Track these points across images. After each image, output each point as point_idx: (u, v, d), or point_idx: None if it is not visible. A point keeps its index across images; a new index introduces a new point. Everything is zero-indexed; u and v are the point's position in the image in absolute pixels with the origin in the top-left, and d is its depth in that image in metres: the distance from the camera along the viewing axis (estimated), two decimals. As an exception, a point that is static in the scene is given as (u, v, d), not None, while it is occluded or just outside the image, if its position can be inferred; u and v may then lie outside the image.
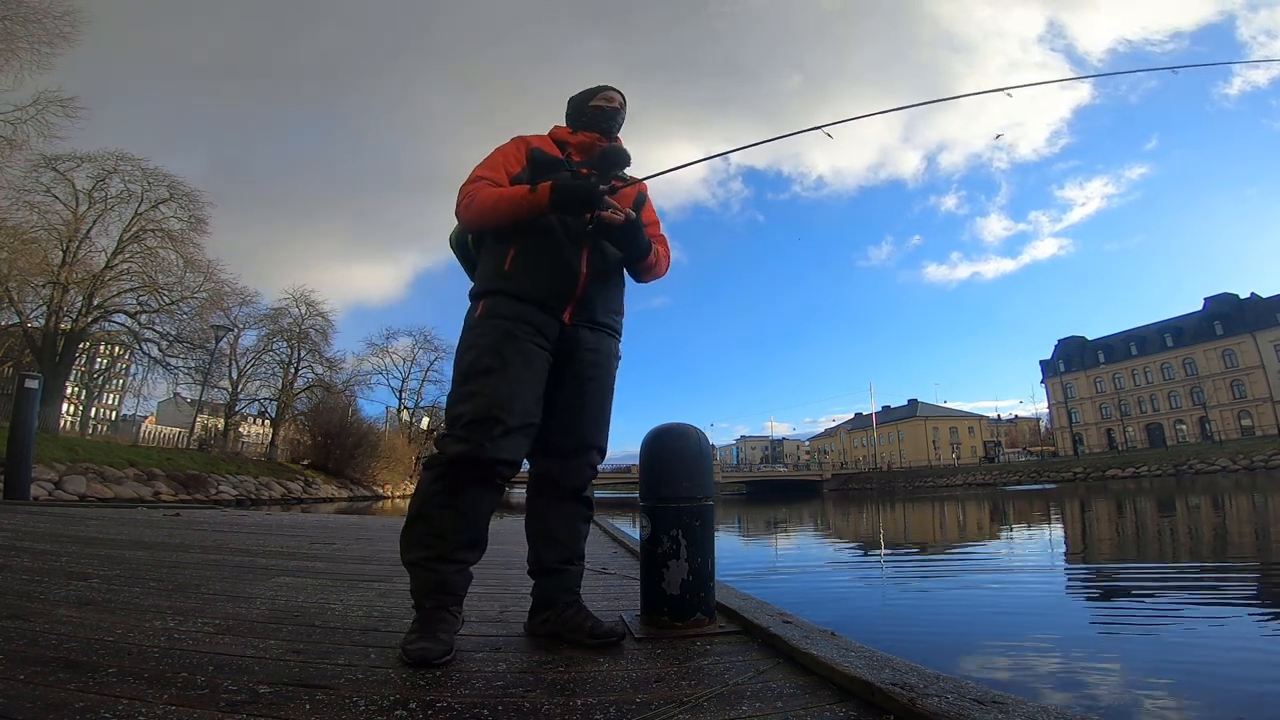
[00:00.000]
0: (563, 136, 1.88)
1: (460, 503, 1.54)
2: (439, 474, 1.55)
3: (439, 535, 1.53)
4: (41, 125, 20.05)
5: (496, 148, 1.82)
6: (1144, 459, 42.97)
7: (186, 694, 1.11)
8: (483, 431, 1.50)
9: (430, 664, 1.34)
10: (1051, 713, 1.00)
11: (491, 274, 1.70)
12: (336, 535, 4.83)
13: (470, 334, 1.65)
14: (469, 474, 1.53)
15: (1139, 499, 18.32)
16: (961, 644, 3.34)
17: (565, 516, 1.73)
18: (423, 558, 1.53)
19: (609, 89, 1.91)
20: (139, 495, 15.79)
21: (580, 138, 1.86)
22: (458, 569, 1.56)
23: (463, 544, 1.56)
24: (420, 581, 1.53)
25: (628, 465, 59.95)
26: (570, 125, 1.91)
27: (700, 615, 1.74)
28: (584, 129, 1.87)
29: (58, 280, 21.69)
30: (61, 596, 1.93)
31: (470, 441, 1.50)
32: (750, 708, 1.15)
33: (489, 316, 1.64)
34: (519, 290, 1.65)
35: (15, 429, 6.87)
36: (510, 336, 1.60)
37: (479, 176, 1.72)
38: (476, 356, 1.59)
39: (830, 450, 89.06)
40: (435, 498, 1.54)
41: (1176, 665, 2.81)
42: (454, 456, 1.52)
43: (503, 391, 1.54)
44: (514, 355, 1.58)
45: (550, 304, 1.67)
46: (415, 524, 1.56)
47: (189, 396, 29.27)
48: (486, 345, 1.59)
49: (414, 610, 1.52)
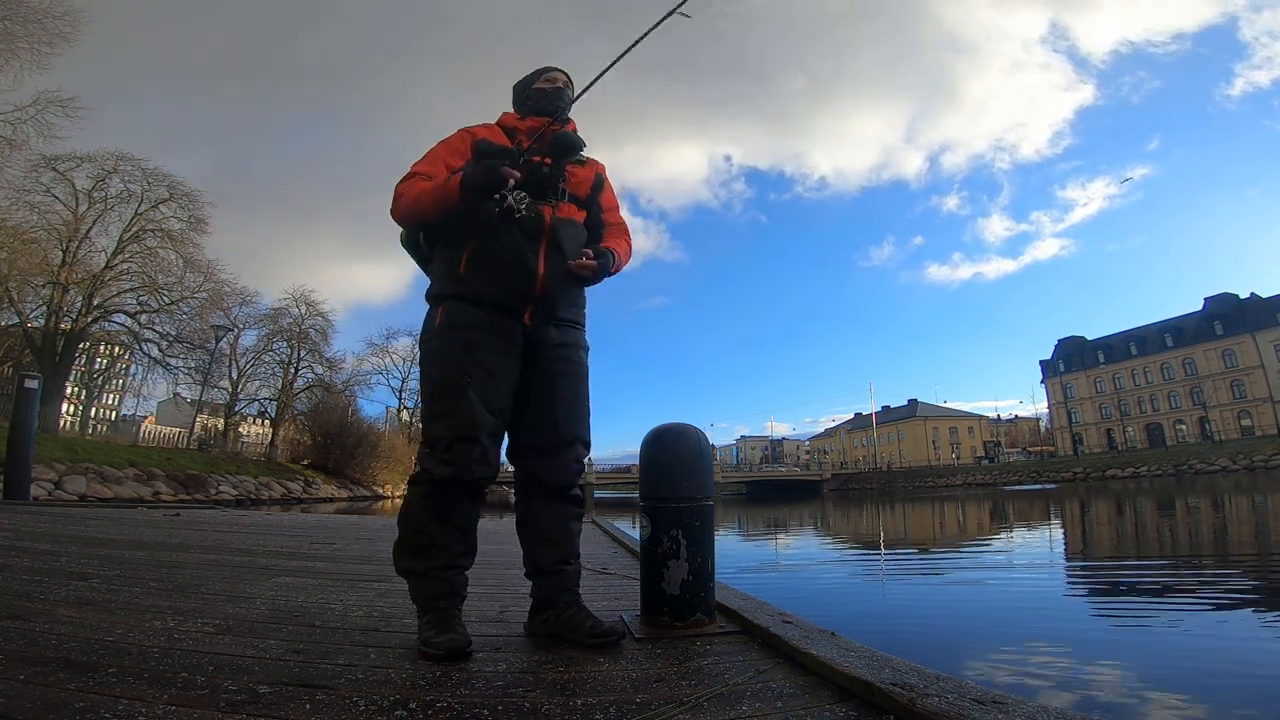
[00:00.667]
0: (511, 123, 1.82)
1: (454, 517, 1.62)
2: (429, 492, 1.60)
3: (440, 548, 1.60)
4: (41, 125, 20.07)
5: (441, 141, 1.76)
6: (1144, 459, 42.97)
7: (186, 694, 1.11)
8: (464, 454, 1.56)
9: (462, 654, 1.42)
10: (1051, 713, 1.00)
11: (446, 277, 1.68)
12: (336, 535, 4.83)
13: (433, 344, 1.65)
14: (458, 492, 1.60)
15: (1139, 499, 18.32)
16: (961, 644, 3.34)
17: (555, 516, 1.72)
18: (428, 568, 1.60)
19: (551, 69, 1.87)
20: (139, 495, 15.79)
21: (529, 122, 1.79)
22: (459, 573, 1.64)
23: (460, 552, 1.64)
24: (430, 588, 1.59)
25: (628, 465, 60.02)
26: (518, 111, 1.87)
27: (700, 615, 1.74)
28: (532, 113, 1.82)
29: (58, 280, 21.69)
30: (61, 596, 1.93)
31: (455, 464, 1.56)
32: (750, 708, 1.15)
33: (448, 326, 1.63)
34: (475, 294, 1.63)
35: (15, 429, 6.87)
36: (471, 348, 1.59)
37: (414, 172, 1.67)
38: (441, 374, 1.60)
39: (830, 450, 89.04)
40: (429, 514, 1.61)
41: (1177, 664, 2.81)
42: (443, 478, 1.57)
43: (472, 410, 1.56)
44: (476, 368, 1.58)
45: (508, 306, 1.65)
46: (413, 538, 1.62)
47: (189, 396, 29.27)
48: (450, 361, 1.59)
49: (424, 612, 1.56)
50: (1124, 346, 58.84)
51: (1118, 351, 59.30)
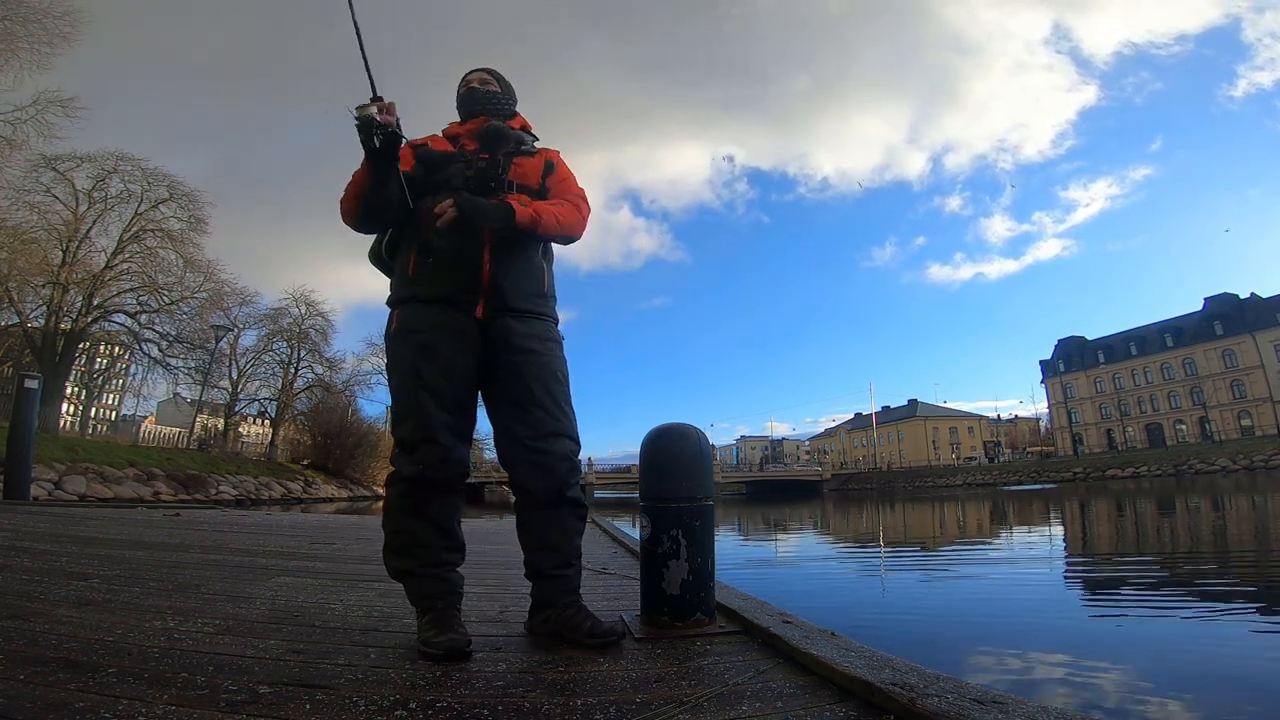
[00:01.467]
0: (454, 130, 1.87)
1: (430, 513, 1.63)
2: (404, 491, 1.63)
3: (422, 545, 1.62)
4: (41, 125, 20.07)
5: None
6: (1144, 459, 42.97)
7: (186, 694, 1.11)
8: (427, 454, 1.58)
9: (461, 653, 1.42)
10: (1051, 713, 1.00)
11: (399, 281, 1.72)
12: (336, 535, 4.83)
13: (390, 352, 1.68)
14: (429, 489, 1.61)
15: (1139, 499, 18.32)
16: (961, 644, 3.34)
17: (552, 522, 1.68)
18: (415, 567, 1.61)
19: (471, 71, 1.92)
20: (139, 495, 15.80)
21: (470, 125, 1.84)
22: (450, 570, 1.65)
23: (445, 548, 1.65)
24: (424, 588, 1.60)
25: (628, 465, 59.99)
26: (460, 118, 1.91)
27: (700, 615, 1.74)
28: (469, 116, 1.87)
29: (58, 280, 21.69)
30: (61, 596, 1.93)
31: (421, 464, 1.59)
32: (750, 708, 1.15)
33: (403, 332, 1.65)
34: (423, 294, 1.64)
35: (15, 429, 6.87)
36: (425, 350, 1.60)
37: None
38: (400, 380, 1.63)
39: (830, 450, 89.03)
40: (408, 513, 1.63)
41: (1178, 664, 2.81)
42: (411, 476, 1.60)
43: (427, 411, 1.58)
44: (430, 370, 1.59)
45: (457, 300, 1.63)
46: (396, 538, 1.64)
47: (189, 396, 29.27)
48: (405, 366, 1.62)
49: (423, 612, 1.57)
50: (1124, 346, 58.84)
51: (1118, 351, 59.30)
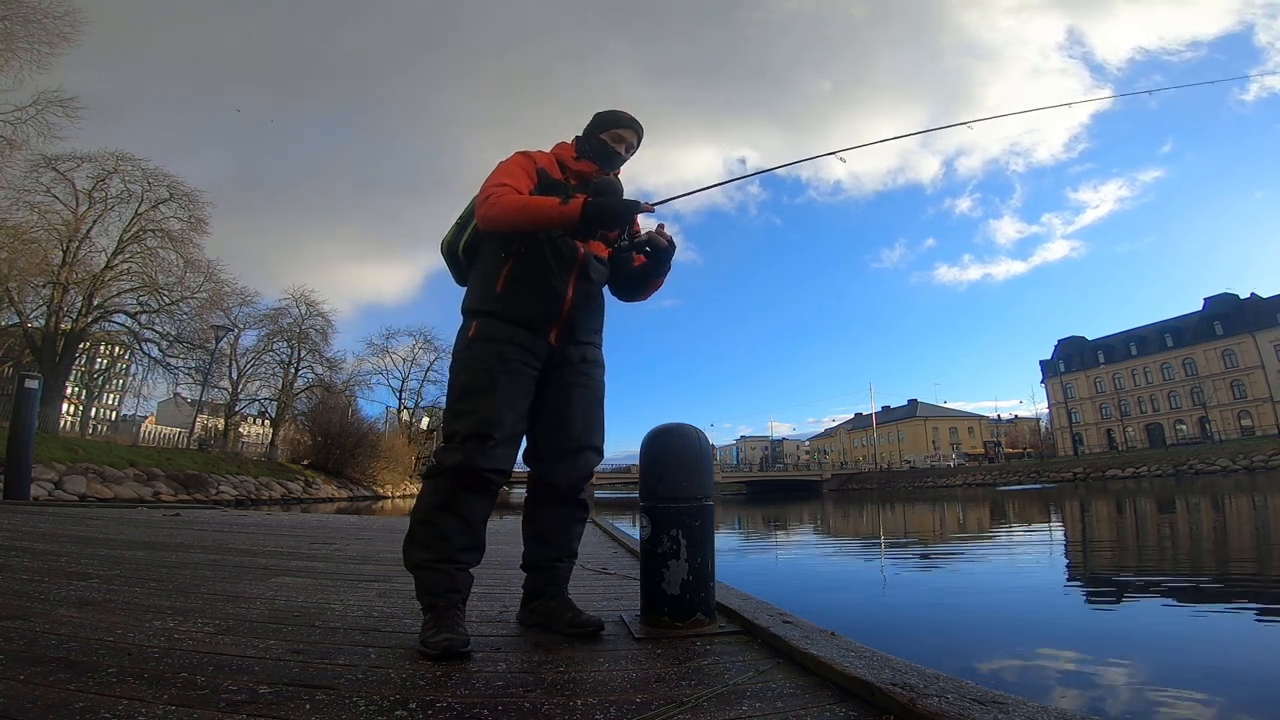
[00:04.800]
0: (565, 159, 1.92)
1: (459, 507, 1.65)
2: (438, 483, 1.67)
3: (443, 538, 1.64)
4: (41, 125, 20.08)
5: (503, 163, 1.85)
6: (1144, 459, 42.93)
7: (186, 694, 1.11)
8: (476, 446, 1.63)
9: (457, 653, 1.43)
10: (1052, 713, 1.00)
11: (483, 295, 1.80)
12: (336, 535, 4.83)
13: (465, 354, 1.76)
14: (465, 482, 1.65)
15: (1138, 498, 18.32)
16: (962, 643, 3.34)
17: (560, 518, 1.85)
18: (429, 559, 1.63)
19: (627, 128, 1.93)
20: (139, 495, 15.79)
21: (581, 166, 1.91)
22: (460, 568, 1.66)
23: (464, 546, 1.66)
24: (430, 582, 1.61)
25: (628, 465, 60.02)
26: (577, 147, 1.94)
27: (700, 615, 1.74)
28: (586, 157, 1.92)
29: (58, 280, 21.69)
30: (61, 596, 1.93)
31: (465, 454, 1.63)
32: (750, 708, 1.15)
33: (482, 340, 1.74)
34: (508, 313, 1.76)
35: (15, 429, 6.87)
36: (501, 358, 1.71)
37: (501, 183, 1.76)
38: (470, 377, 1.71)
39: (830, 450, 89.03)
40: (436, 504, 1.66)
41: (1178, 663, 2.81)
42: (451, 466, 1.64)
43: (493, 410, 1.66)
44: (503, 375, 1.70)
45: (537, 326, 1.78)
46: (419, 529, 1.66)
47: (189, 396, 29.26)
48: (480, 367, 1.71)
49: (424, 610, 1.59)
50: (1124, 347, 58.83)
51: (1118, 351, 59.29)
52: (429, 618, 1.55)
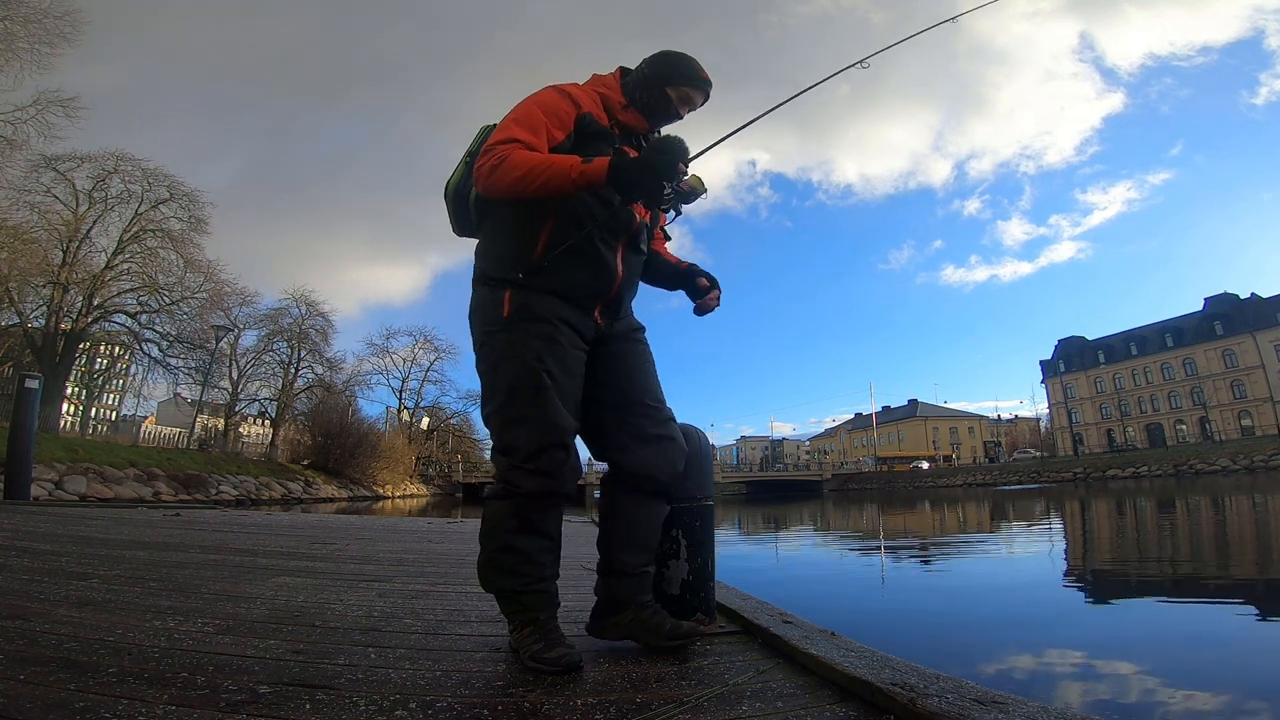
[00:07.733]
0: (613, 105, 1.57)
1: (541, 525, 1.46)
2: (517, 508, 1.44)
3: (532, 561, 1.46)
4: (42, 125, 20.13)
5: (534, 99, 1.50)
6: (1144, 459, 42.92)
7: (186, 694, 1.10)
8: (554, 465, 1.40)
9: (576, 668, 1.34)
10: (1052, 713, 1.00)
11: (518, 260, 1.45)
12: (336, 535, 4.83)
13: (502, 338, 1.44)
14: (547, 502, 1.45)
15: (1139, 498, 18.31)
16: (963, 643, 3.34)
17: (652, 515, 1.58)
18: (522, 585, 1.45)
19: (700, 90, 1.60)
20: (139, 495, 15.80)
21: (630, 116, 1.58)
22: (554, 581, 1.52)
23: (552, 561, 1.51)
24: (528, 603, 1.45)
25: (628, 465, 59.71)
26: (625, 92, 1.59)
27: (700, 615, 1.74)
28: (636, 106, 1.58)
29: (58, 280, 21.71)
30: (61, 596, 1.93)
31: (546, 475, 1.41)
32: (750, 708, 1.15)
33: (525, 319, 1.43)
34: (555, 286, 1.45)
35: (15, 429, 6.86)
36: (552, 343, 1.42)
37: (514, 138, 1.41)
38: (517, 373, 1.41)
39: (830, 450, 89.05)
40: (517, 529, 1.45)
41: (1179, 663, 2.80)
42: (533, 492, 1.41)
43: (558, 413, 1.41)
44: (558, 367, 1.42)
45: (585, 303, 1.50)
46: (502, 556, 1.46)
47: (189, 396, 29.30)
48: (527, 356, 1.41)
49: (523, 625, 1.43)
50: (1124, 346, 58.87)
51: (1118, 351, 59.32)
52: (531, 632, 1.41)
